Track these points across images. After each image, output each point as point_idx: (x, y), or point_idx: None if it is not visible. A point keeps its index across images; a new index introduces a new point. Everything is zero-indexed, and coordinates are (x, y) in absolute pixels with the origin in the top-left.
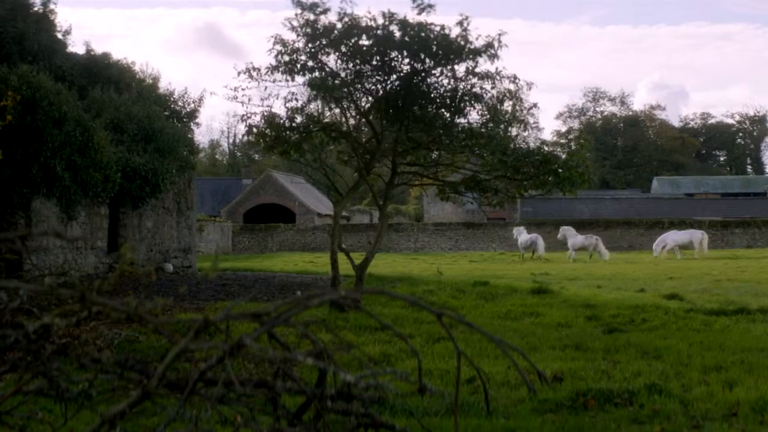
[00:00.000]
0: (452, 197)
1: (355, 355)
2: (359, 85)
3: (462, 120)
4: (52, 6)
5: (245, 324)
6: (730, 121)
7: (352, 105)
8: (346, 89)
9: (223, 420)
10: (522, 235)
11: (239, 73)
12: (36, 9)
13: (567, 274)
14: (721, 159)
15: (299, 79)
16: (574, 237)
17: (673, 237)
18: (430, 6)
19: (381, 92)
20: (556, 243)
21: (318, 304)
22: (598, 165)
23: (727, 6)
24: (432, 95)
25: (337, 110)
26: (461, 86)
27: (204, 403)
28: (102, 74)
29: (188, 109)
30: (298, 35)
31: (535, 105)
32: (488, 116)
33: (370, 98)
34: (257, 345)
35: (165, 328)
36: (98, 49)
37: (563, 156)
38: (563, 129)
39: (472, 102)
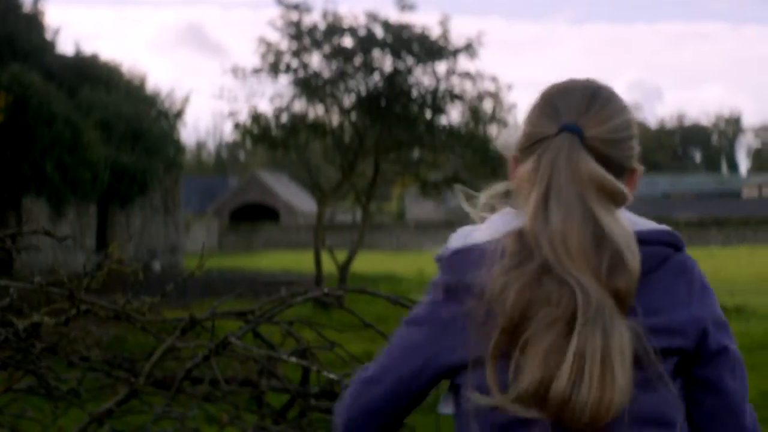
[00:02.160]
0: (434, 195)
1: (338, 353)
2: (342, 84)
3: (443, 119)
4: (41, 6)
5: (231, 322)
6: (705, 120)
7: (335, 104)
8: (329, 88)
9: (209, 418)
10: None
11: (225, 73)
12: (26, 9)
13: None
14: (697, 158)
15: (283, 79)
16: None
17: None
18: (412, 6)
19: (363, 91)
20: None
21: (301, 302)
22: None
23: (704, 4)
24: (413, 94)
25: (321, 109)
26: (442, 85)
27: (190, 401)
28: (91, 74)
29: (175, 109)
30: (282, 35)
31: (514, 105)
32: (469, 115)
33: (353, 97)
34: (242, 343)
35: (152, 326)
36: (85, 48)
37: None
38: None
39: (453, 101)
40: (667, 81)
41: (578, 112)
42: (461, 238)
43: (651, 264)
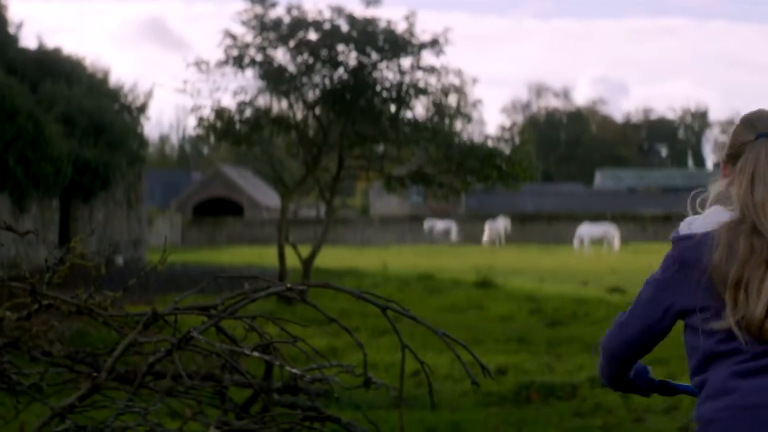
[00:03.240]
0: (398, 190)
1: (301, 348)
2: (307, 79)
3: (408, 113)
4: (3, 0)
5: (193, 317)
6: (671, 115)
7: (299, 98)
8: (293, 82)
9: (172, 413)
10: (437, 225)
11: (188, 66)
12: None
13: (511, 267)
14: (663, 153)
15: (248, 73)
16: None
17: (587, 230)
18: (377, 1)
19: (328, 86)
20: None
21: (265, 297)
22: (541, 158)
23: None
24: (378, 89)
25: (285, 103)
26: (407, 80)
27: (153, 396)
28: (53, 68)
29: (138, 103)
30: (247, 29)
31: (479, 101)
32: (433, 110)
33: (317, 91)
34: (205, 338)
35: (114, 321)
36: (48, 42)
37: (507, 151)
38: (507, 123)
39: (418, 95)
40: (632, 76)
41: None
42: (686, 226)
43: None
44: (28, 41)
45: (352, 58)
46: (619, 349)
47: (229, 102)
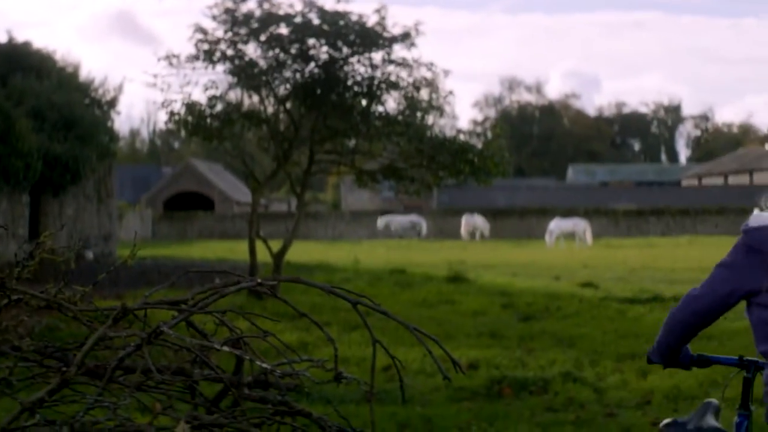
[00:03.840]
0: (369, 185)
1: (272, 342)
2: (278, 74)
3: (379, 107)
4: None
5: (164, 311)
6: (644, 109)
7: (270, 93)
8: (264, 77)
9: (142, 407)
10: (396, 220)
11: (159, 60)
12: None
13: (483, 262)
14: (636, 147)
15: (219, 67)
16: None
17: (557, 224)
18: None
19: (299, 80)
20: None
21: (235, 291)
22: (514, 153)
23: None
24: (349, 83)
25: (256, 98)
26: (378, 74)
27: (123, 391)
28: (23, 62)
29: (108, 97)
30: (218, 24)
31: (450, 92)
32: (405, 104)
33: (288, 86)
34: (175, 333)
35: (84, 315)
36: (17, 36)
37: (479, 146)
38: (480, 118)
39: (389, 89)
40: (604, 70)
41: None
42: (756, 219)
43: None
44: None
45: (323, 52)
46: (690, 319)
47: (199, 96)
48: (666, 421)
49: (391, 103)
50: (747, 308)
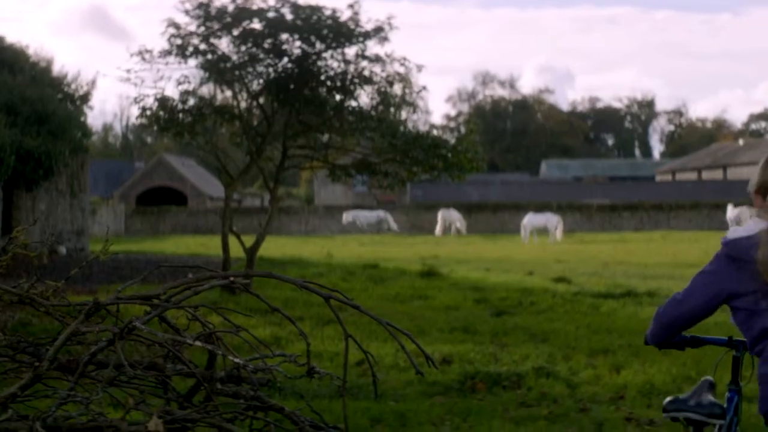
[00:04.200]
0: (343, 179)
1: (245, 338)
2: (251, 68)
3: (352, 103)
4: None
5: (136, 306)
6: (618, 104)
7: (243, 88)
8: (237, 72)
9: (115, 402)
10: (362, 215)
11: (132, 55)
12: None
13: (456, 257)
14: (610, 142)
15: (192, 62)
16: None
17: (530, 220)
18: None
19: (272, 75)
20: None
21: (208, 287)
22: (487, 148)
23: None
24: (322, 78)
25: (229, 93)
26: (351, 69)
27: (95, 386)
28: None
29: (81, 92)
30: (190, 18)
31: (424, 87)
32: (378, 99)
33: (261, 81)
34: (147, 328)
35: (56, 310)
36: None
37: (452, 141)
38: (453, 113)
39: (362, 85)
40: (578, 65)
41: None
42: (733, 232)
43: None
44: None
45: (296, 47)
46: (677, 322)
47: (172, 91)
48: (669, 399)
49: (365, 98)
50: (732, 313)
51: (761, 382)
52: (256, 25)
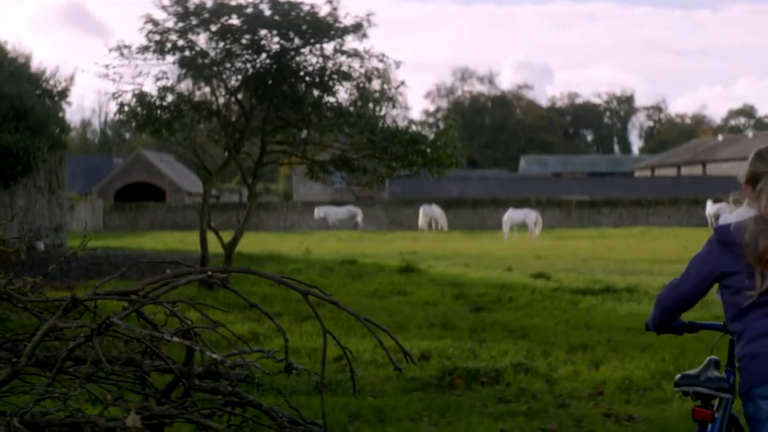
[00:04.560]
0: (321, 176)
1: (223, 333)
2: (229, 64)
3: (331, 98)
4: None
5: (114, 302)
6: (597, 100)
7: (221, 84)
8: (215, 68)
9: (93, 398)
10: (332, 210)
11: (110, 51)
12: None
13: (435, 253)
14: (589, 138)
15: (170, 58)
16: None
17: (509, 215)
18: None
19: (250, 71)
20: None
21: (186, 283)
22: (466, 144)
23: None
24: (301, 74)
25: (207, 89)
26: (330, 64)
27: (73, 382)
28: None
29: (60, 88)
30: (168, 14)
31: (402, 83)
32: (357, 95)
33: (239, 77)
34: (125, 323)
35: (34, 306)
36: None
37: (431, 136)
38: (432, 108)
39: (341, 80)
40: (557, 61)
41: None
42: (725, 219)
43: None
44: None
45: (274, 43)
46: (675, 304)
47: (151, 87)
48: (679, 375)
49: (343, 93)
50: (719, 290)
51: (742, 362)
52: (235, 20)
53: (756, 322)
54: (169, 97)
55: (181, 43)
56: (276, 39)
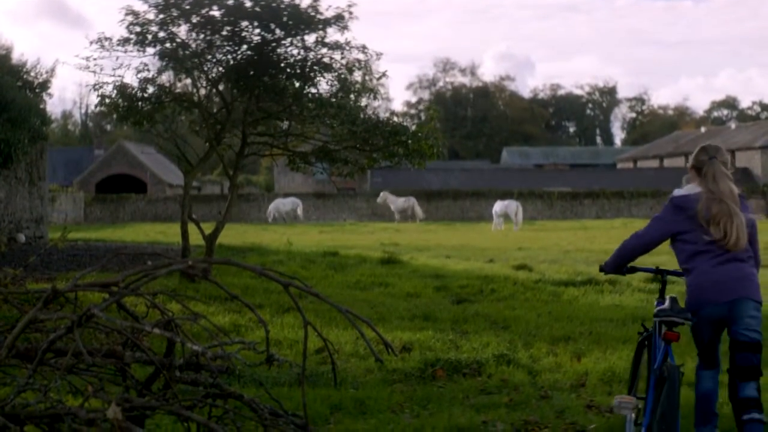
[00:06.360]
0: (302, 167)
1: (204, 325)
2: (210, 56)
3: (312, 89)
4: None
5: (95, 294)
6: (579, 92)
7: (202, 75)
8: (196, 60)
9: (74, 390)
10: (280, 203)
11: (91, 43)
12: None
13: (417, 245)
14: (571, 130)
15: (150, 50)
16: (395, 201)
17: (501, 206)
18: None
19: (231, 62)
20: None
21: (166, 274)
22: (448, 135)
23: None
24: (282, 65)
25: (188, 81)
26: (311, 56)
27: (54, 374)
28: None
29: (40, 80)
30: (149, 6)
31: (384, 74)
32: (338, 86)
33: (220, 68)
34: (106, 315)
35: (15, 298)
36: None
37: (413, 127)
38: (414, 100)
39: (322, 72)
40: (538, 52)
41: (715, 151)
42: (678, 192)
43: (741, 199)
44: None
45: (255, 34)
46: (637, 249)
47: (132, 79)
48: (657, 309)
49: (324, 85)
50: (671, 243)
51: (690, 289)
52: (215, 12)
53: (703, 264)
54: (150, 89)
55: (161, 34)
56: (257, 30)
